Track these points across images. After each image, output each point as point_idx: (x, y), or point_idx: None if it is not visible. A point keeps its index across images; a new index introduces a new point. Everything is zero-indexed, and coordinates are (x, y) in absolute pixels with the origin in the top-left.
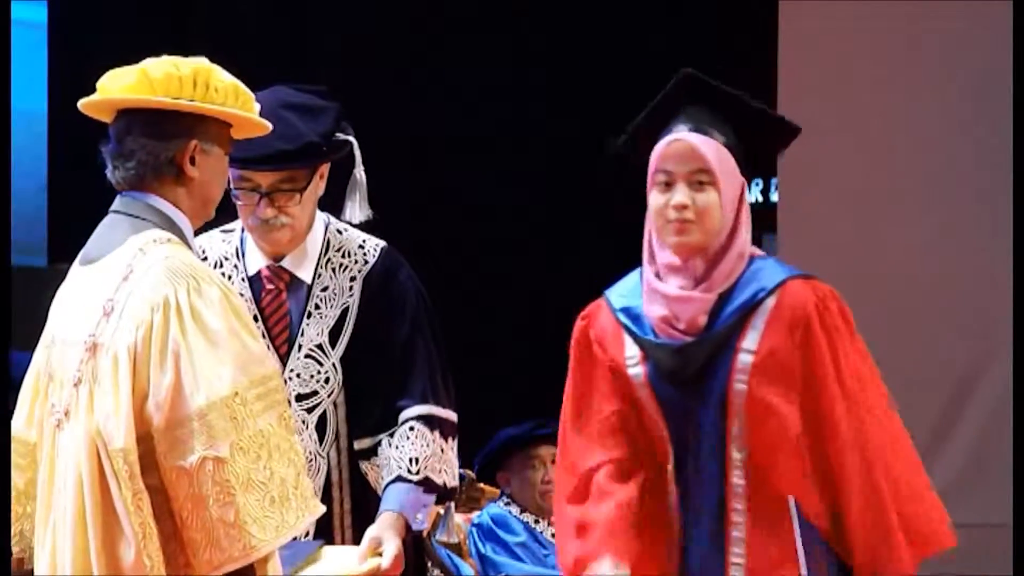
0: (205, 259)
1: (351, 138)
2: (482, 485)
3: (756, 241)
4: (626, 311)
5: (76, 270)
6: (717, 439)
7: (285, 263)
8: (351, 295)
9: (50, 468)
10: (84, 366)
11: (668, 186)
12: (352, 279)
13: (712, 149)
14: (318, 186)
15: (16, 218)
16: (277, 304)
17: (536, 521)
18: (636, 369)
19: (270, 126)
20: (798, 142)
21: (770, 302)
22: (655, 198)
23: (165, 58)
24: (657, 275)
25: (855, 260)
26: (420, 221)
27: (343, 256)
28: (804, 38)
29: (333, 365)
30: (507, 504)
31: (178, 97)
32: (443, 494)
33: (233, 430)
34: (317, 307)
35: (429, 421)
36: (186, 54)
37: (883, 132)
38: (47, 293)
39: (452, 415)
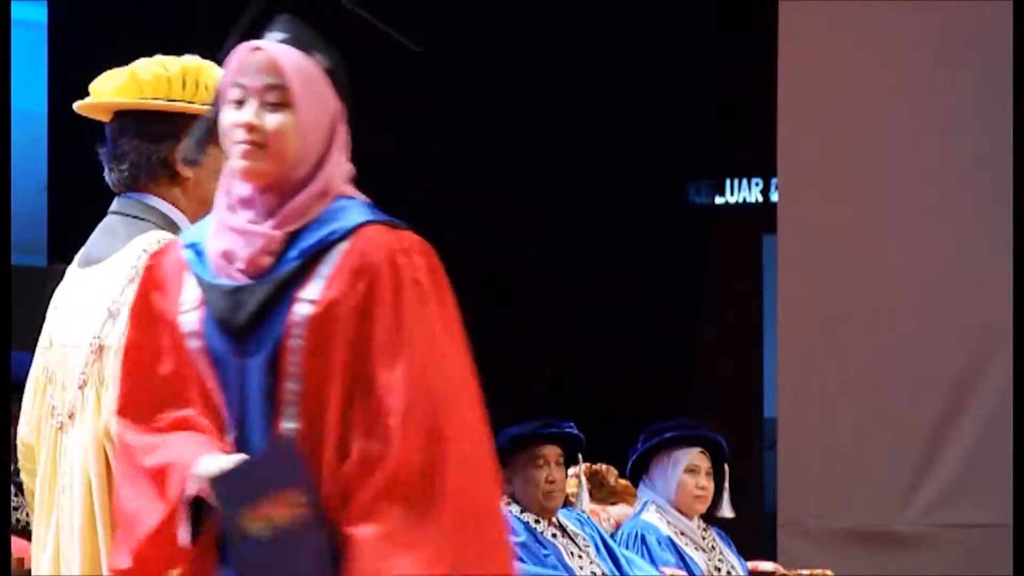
0: None
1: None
2: None
3: (756, 241)
4: (193, 246)
5: (75, 272)
6: (265, 405)
7: None
8: None
9: (51, 469)
10: (89, 368)
11: (241, 103)
12: None
13: (295, 64)
14: None
15: (16, 218)
16: None
17: (536, 521)
18: (190, 315)
19: None
20: (799, 142)
21: (342, 247)
22: (226, 115)
23: (156, 58)
24: (231, 208)
25: (855, 260)
26: (419, 218)
27: None
28: (804, 38)
29: None
30: (508, 504)
31: (167, 97)
32: None
33: None
34: None
35: None
36: (186, 54)
37: (883, 132)
38: (47, 293)
39: None
